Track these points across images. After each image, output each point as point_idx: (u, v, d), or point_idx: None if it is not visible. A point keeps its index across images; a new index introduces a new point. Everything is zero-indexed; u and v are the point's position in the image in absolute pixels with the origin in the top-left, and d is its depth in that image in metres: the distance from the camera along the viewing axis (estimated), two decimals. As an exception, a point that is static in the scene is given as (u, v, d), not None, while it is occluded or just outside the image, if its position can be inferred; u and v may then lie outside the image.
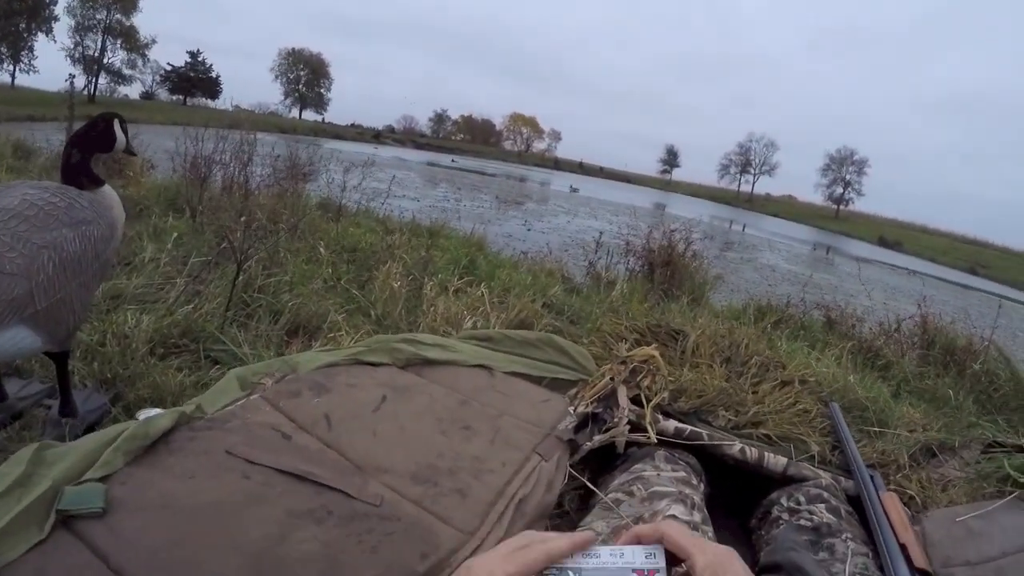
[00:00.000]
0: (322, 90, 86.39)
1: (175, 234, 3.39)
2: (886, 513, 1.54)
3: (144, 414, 1.71)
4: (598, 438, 1.69)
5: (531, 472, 1.48)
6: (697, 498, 1.51)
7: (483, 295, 3.42)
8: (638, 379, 1.89)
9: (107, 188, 1.72)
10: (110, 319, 2.36)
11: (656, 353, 1.95)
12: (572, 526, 1.62)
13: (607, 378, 1.88)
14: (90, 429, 1.73)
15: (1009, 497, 1.70)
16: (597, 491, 1.55)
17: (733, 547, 1.55)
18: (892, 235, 63.14)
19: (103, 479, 1.12)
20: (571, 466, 1.63)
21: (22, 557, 0.94)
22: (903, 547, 1.42)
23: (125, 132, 1.80)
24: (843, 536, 1.44)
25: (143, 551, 0.99)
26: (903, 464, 2.02)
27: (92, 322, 2.32)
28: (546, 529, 1.49)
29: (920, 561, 1.39)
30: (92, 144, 1.73)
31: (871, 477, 1.71)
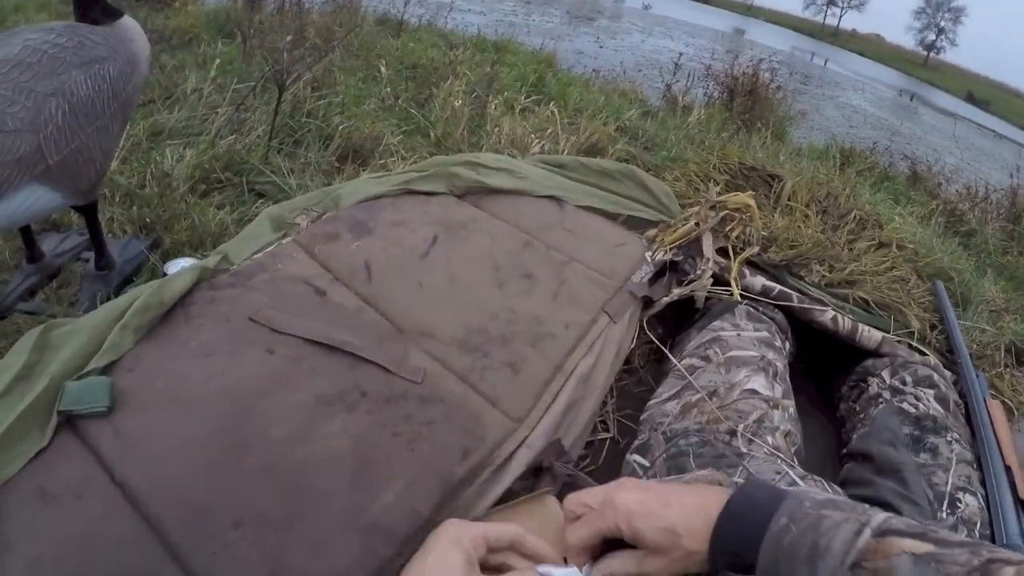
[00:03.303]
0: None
1: (217, 61, 3.09)
2: (992, 423, 1.32)
3: (173, 266, 1.60)
4: (676, 291, 1.48)
5: (597, 338, 1.26)
6: (781, 364, 1.32)
7: (553, 115, 3.12)
8: (727, 228, 1.65)
9: (126, 20, 1.50)
10: (150, 157, 2.16)
11: (752, 202, 1.69)
12: (642, 385, 1.47)
13: (692, 223, 1.63)
14: (128, 280, 1.63)
15: None
16: (671, 357, 1.36)
17: (810, 417, 1.39)
18: (981, 93, 60.03)
19: (110, 366, 0.95)
20: (644, 322, 1.43)
21: (24, 470, 0.80)
22: (1008, 470, 1.21)
23: None
24: (949, 436, 1.24)
25: (149, 460, 0.83)
26: (998, 361, 1.79)
27: (131, 163, 2.14)
28: (605, 400, 1.33)
29: (1022, 490, 1.18)
30: None
31: (980, 377, 1.49)
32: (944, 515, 1.09)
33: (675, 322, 1.56)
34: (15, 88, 1.21)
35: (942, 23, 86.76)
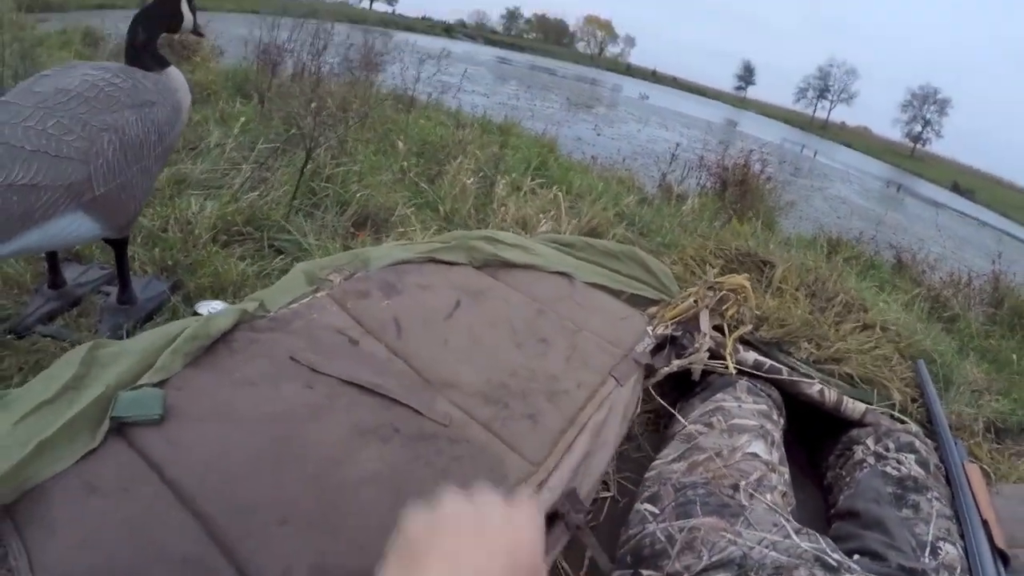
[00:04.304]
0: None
1: (242, 119, 3.26)
2: (970, 484, 1.45)
3: (204, 306, 1.70)
4: (676, 363, 1.61)
5: (606, 397, 1.39)
6: (777, 435, 1.45)
7: (556, 197, 3.29)
8: (724, 308, 1.79)
9: (173, 70, 1.63)
10: (173, 204, 2.29)
11: (747, 283, 1.84)
12: (640, 451, 1.59)
13: (691, 301, 1.77)
14: (148, 317, 1.71)
15: None
16: (680, 418, 1.49)
17: (800, 483, 1.51)
18: (966, 182, 61.04)
19: (160, 384, 1.05)
20: (650, 388, 1.57)
21: (72, 468, 0.88)
22: (985, 523, 1.34)
23: (193, 11, 1.70)
24: (930, 495, 1.37)
25: (198, 464, 0.93)
26: (976, 431, 1.94)
27: (155, 207, 2.26)
28: (613, 460, 1.44)
29: (1000, 540, 1.31)
30: (158, 23, 1.63)
31: (957, 444, 1.62)
32: (927, 560, 1.20)
33: (672, 393, 1.67)
34: (72, 118, 1.31)
35: (928, 115, 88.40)
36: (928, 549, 1.23)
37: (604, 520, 1.38)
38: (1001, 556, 1.29)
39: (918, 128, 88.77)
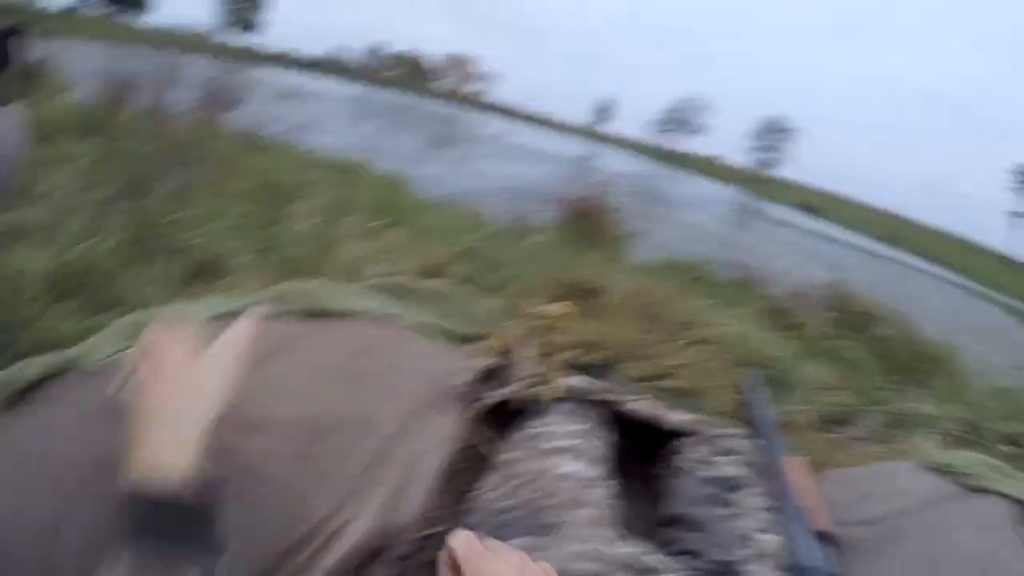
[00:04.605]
0: (260, 12, 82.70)
1: (80, 161, 3.13)
2: (791, 476, 1.53)
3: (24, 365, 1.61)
4: (497, 392, 1.63)
5: (420, 430, 1.40)
6: (598, 452, 1.48)
7: (399, 239, 3.30)
8: (548, 335, 1.84)
9: (10, 108, 1.55)
10: (1, 259, 2.17)
11: (569, 310, 1.90)
12: (468, 486, 1.57)
13: (514, 331, 1.82)
14: None
15: (906, 461, 1.75)
16: (494, 449, 1.51)
17: (638, 497, 1.55)
18: (814, 202, 64.79)
19: None
20: (469, 423, 1.57)
21: None
22: (806, 510, 1.42)
23: (27, 47, 1.61)
24: (748, 491, 1.43)
25: None
26: (803, 426, 2.08)
27: None
28: (431, 490, 1.44)
29: (822, 523, 1.39)
30: None
31: (779, 440, 1.70)
32: (743, 551, 1.25)
33: (504, 425, 1.66)
34: None
35: (777, 143, 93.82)
36: (745, 541, 1.28)
37: (428, 554, 1.37)
38: (824, 536, 1.37)
39: (768, 155, 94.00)
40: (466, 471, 1.56)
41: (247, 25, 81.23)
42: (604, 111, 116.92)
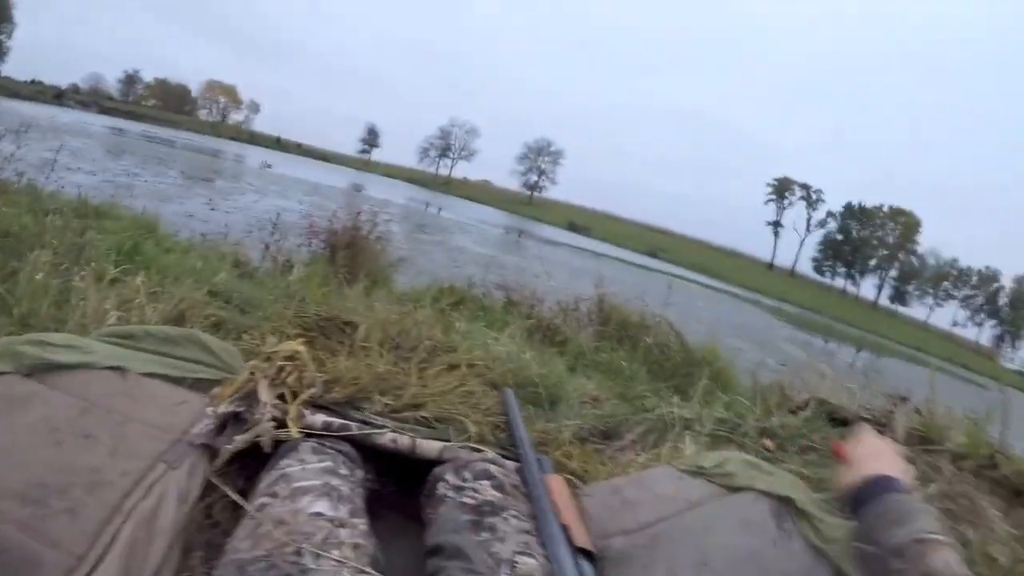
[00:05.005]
0: (1, 36, 74.82)
1: None
2: (550, 494, 1.54)
3: None
4: (238, 438, 1.55)
5: (155, 483, 1.32)
6: (347, 489, 1.44)
7: (139, 286, 3.05)
8: (284, 376, 1.77)
9: None
10: None
11: (301, 348, 1.85)
12: (225, 536, 1.47)
13: (247, 374, 1.74)
14: None
15: (662, 465, 1.80)
16: (238, 498, 1.43)
17: (403, 532, 1.51)
18: (582, 220, 68.38)
19: None
20: (218, 473, 1.50)
21: None
22: (565, 527, 1.42)
23: None
24: (506, 514, 1.43)
25: None
26: (564, 441, 2.09)
27: None
28: (171, 547, 1.34)
29: (581, 540, 1.40)
30: None
31: (538, 460, 1.72)
32: (504, 575, 1.25)
33: (253, 469, 1.59)
34: None
35: (543, 165, 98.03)
36: (506, 565, 1.27)
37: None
38: (585, 553, 1.37)
39: (535, 177, 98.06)
40: (213, 525, 1.48)
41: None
42: (372, 138, 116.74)
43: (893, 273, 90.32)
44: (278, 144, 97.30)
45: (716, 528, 1.47)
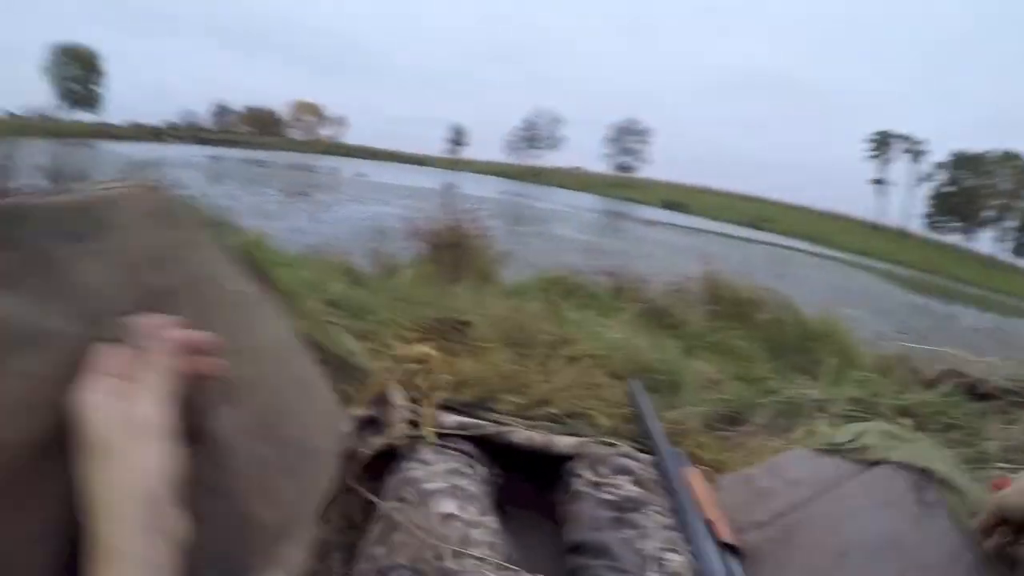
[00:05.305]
0: (95, 87, 79.10)
1: None
2: (690, 489, 1.48)
3: None
4: (375, 442, 1.55)
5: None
6: (474, 488, 1.42)
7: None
8: (415, 379, 1.76)
9: None
10: None
11: (429, 350, 1.83)
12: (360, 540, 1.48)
13: (379, 378, 1.74)
14: None
15: (796, 449, 1.71)
16: (378, 502, 1.41)
17: (538, 527, 1.49)
18: (676, 198, 67.11)
19: None
20: (352, 476, 1.48)
21: None
22: (709, 523, 1.37)
23: None
24: (647, 510, 1.39)
25: None
26: (694, 431, 2.02)
27: None
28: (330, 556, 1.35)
29: (726, 535, 1.34)
30: None
31: (673, 453, 1.66)
32: (653, 573, 1.20)
33: (382, 473, 1.58)
34: None
35: (632, 145, 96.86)
36: (653, 563, 1.23)
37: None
38: (730, 548, 1.32)
39: (625, 158, 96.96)
40: (351, 527, 1.46)
41: (84, 101, 77.92)
42: (459, 137, 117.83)
43: (1012, 224, 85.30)
44: (371, 154, 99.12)
45: (853, 512, 1.37)
